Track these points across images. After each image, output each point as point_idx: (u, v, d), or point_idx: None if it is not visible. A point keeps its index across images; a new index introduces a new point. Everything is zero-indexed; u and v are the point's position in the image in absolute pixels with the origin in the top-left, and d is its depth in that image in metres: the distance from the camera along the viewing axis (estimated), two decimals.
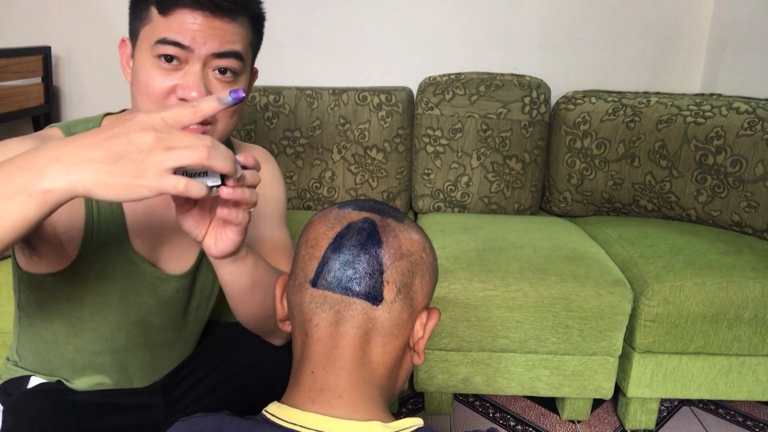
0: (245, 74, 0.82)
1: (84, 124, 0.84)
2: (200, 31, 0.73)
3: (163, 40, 0.74)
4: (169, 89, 0.75)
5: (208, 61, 0.75)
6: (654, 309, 1.41)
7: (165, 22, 0.74)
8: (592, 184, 1.88)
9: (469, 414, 1.63)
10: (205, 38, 0.74)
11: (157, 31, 0.74)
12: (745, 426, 1.61)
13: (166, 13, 0.74)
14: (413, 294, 0.60)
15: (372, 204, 0.63)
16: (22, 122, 2.28)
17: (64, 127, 0.82)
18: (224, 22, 0.75)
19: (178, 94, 0.75)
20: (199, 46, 0.74)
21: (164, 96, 0.76)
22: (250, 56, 0.82)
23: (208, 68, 0.76)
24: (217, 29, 0.74)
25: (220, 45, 0.75)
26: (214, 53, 0.75)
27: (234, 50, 0.76)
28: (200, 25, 0.73)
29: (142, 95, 0.77)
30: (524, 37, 2.18)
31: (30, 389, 0.92)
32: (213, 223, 0.71)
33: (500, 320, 1.43)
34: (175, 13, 0.73)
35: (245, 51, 0.79)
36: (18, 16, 2.19)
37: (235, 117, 0.82)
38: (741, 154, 1.64)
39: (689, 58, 2.20)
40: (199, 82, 0.75)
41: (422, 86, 1.92)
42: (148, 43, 0.75)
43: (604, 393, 1.51)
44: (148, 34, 0.75)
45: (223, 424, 0.57)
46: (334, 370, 0.58)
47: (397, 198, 1.96)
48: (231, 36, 0.76)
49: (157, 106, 0.76)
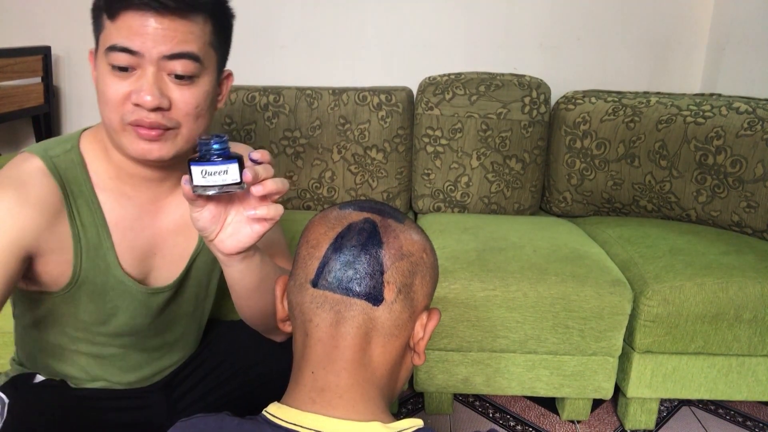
0: (207, 75, 0.78)
1: (62, 146, 0.82)
2: (150, 34, 0.71)
3: (113, 47, 0.72)
4: (124, 95, 0.74)
5: (161, 65, 0.73)
6: (654, 309, 1.41)
7: (114, 28, 0.72)
8: (592, 184, 1.88)
9: (469, 414, 1.63)
10: (155, 41, 0.71)
11: (109, 38, 0.73)
12: (744, 426, 1.61)
13: (114, 17, 0.72)
14: (414, 294, 0.60)
15: (373, 204, 0.63)
16: (22, 122, 2.28)
17: (41, 152, 0.79)
18: (174, 21, 0.71)
19: (132, 99, 0.73)
20: (149, 49, 0.71)
21: (120, 103, 0.74)
22: (212, 58, 0.78)
23: (162, 72, 0.73)
24: (168, 30, 0.71)
25: (172, 46, 0.72)
26: (165, 56, 0.72)
27: (187, 51, 0.73)
28: (149, 27, 0.71)
29: (101, 103, 0.76)
30: (524, 37, 2.18)
31: (36, 383, 0.92)
32: (227, 221, 0.71)
33: (500, 320, 1.43)
34: (122, 16, 0.71)
35: (203, 51, 0.75)
36: (18, 16, 2.19)
37: (201, 120, 0.79)
38: (741, 154, 1.64)
39: (689, 58, 2.20)
40: (152, 86, 0.72)
41: (422, 86, 1.92)
42: (102, 50, 0.74)
43: (603, 393, 1.51)
44: (102, 41, 0.74)
45: (223, 424, 0.57)
46: (335, 370, 0.58)
47: (397, 198, 1.96)
48: (183, 36, 0.72)
49: (115, 113, 0.75)
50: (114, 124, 0.76)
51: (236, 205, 0.72)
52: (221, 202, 0.71)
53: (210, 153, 0.65)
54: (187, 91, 0.75)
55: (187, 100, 0.76)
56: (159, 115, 0.74)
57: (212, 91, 0.80)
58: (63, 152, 0.81)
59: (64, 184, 0.80)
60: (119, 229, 0.84)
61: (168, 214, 0.89)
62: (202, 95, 0.77)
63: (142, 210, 0.86)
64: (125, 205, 0.85)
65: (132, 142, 0.76)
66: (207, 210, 0.70)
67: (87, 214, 0.81)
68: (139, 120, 0.74)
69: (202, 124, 0.80)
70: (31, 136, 2.27)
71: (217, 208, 0.70)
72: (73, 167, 0.81)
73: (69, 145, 0.82)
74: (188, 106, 0.76)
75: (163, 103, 0.74)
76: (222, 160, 0.65)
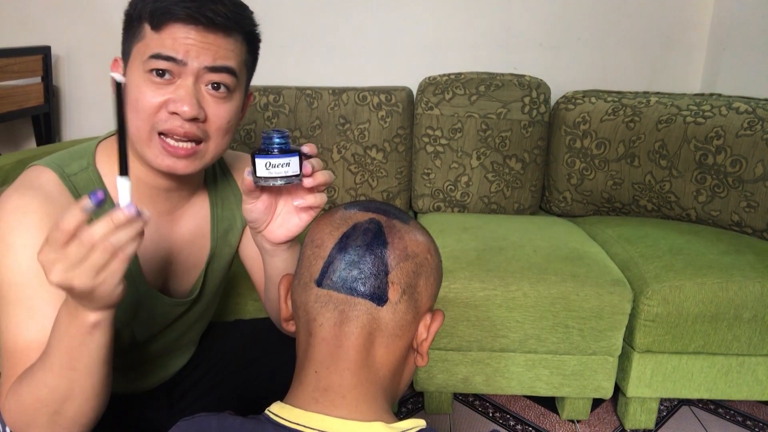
0: (239, 92, 0.80)
1: (77, 162, 0.81)
2: (193, 45, 0.72)
3: (156, 55, 0.72)
4: (159, 104, 0.74)
5: (200, 76, 0.74)
6: (654, 309, 1.41)
7: (158, 38, 0.73)
8: (592, 184, 1.88)
9: (468, 414, 1.63)
10: (198, 52, 0.73)
11: (150, 47, 0.73)
12: (744, 426, 1.61)
13: (159, 28, 0.73)
14: (418, 295, 0.60)
15: (378, 205, 0.63)
16: (22, 122, 2.28)
17: (57, 169, 0.78)
18: (218, 37, 0.74)
19: (170, 108, 0.74)
20: (192, 59, 0.73)
21: (155, 111, 0.74)
22: (244, 75, 0.80)
23: (200, 83, 0.75)
24: (211, 44, 0.73)
25: (214, 59, 0.74)
26: (206, 67, 0.74)
27: (227, 65, 0.75)
28: (193, 40, 0.72)
29: (132, 111, 0.75)
30: (524, 37, 2.18)
31: None
32: (277, 211, 0.75)
33: (500, 320, 1.43)
34: (168, 28, 0.72)
35: (239, 68, 0.78)
36: (18, 16, 2.19)
37: (228, 135, 0.80)
38: (741, 154, 1.65)
39: (689, 58, 2.20)
40: (191, 95, 0.73)
41: (422, 86, 1.92)
42: (140, 59, 0.74)
43: (603, 393, 1.51)
44: (140, 50, 0.74)
45: (225, 424, 0.57)
46: (338, 370, 0.58)
47: (397, 198, 1.96)
48: (225, 51, 0.75)
49: (146, 122, 0.74)
50: (142, 134, 0.75)
51: (285, 196, 0.76)
52: (272, 194, 0.74)
53: (273, 146, 0.68)
54: (222, 106, 0.77)
55: (221, 114, 0.77)
56: (194, 126, 0.75)
57: (240, 108, 0.82)
58: (80, 170, 0.80)
59: None
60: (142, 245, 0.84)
61: (183, 225, 0.89)
62: (234, 111, 0.79)
63: (159, 222, 0.86)
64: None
65: (157, 156, 0.76)
66: (260, 201, 0.73)
67: None
68: (172, 129, 0.74)
69: (228, 140, 0.81)
70: (31, 136, 2.27)
71: (269, 199, 0.74)
72: (92, 185, 0.80)
73: (85, 162, 0.81)
74: (221, 120, 0.77)
75: (200, 114, 0.75)
76: (284, 154, 0.68)
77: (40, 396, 0.65)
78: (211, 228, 0.92)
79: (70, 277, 0.56)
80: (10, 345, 0.71)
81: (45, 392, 0.65)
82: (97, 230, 0.56)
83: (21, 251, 0.71)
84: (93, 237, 0.55)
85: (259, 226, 0.76)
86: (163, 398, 0.99)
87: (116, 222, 0.56)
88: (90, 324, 0.62)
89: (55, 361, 0.64)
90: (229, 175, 0.96)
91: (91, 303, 0.60)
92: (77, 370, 0.64)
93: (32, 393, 0.65)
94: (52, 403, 0.65)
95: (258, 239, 0.78)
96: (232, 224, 0.95)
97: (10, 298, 0.71)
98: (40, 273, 0.70)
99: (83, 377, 0.65)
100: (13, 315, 0.71)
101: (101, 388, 0.68)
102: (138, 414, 0.97)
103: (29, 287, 0.71)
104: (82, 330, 0.62)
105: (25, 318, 0.70)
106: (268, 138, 0.69)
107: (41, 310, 0.70)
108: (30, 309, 0.71)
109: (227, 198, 0.95)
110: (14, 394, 0.67)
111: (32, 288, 0.71)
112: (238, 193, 0.95)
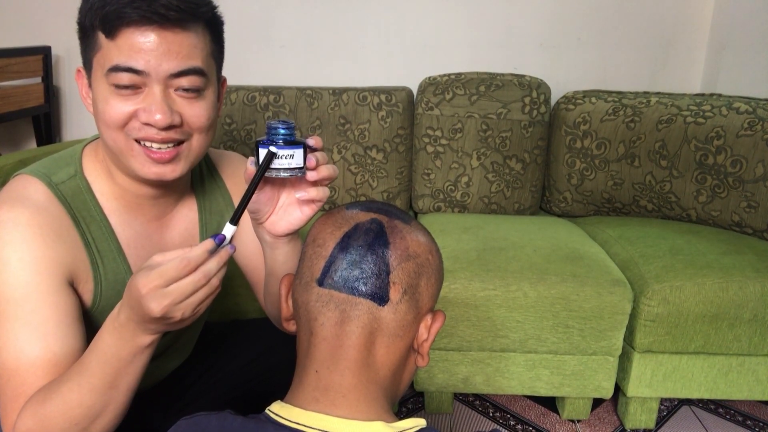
0: (211, 86, 0.77)
1: (64, 170, 0.78)
2: (153, 51, 0.68)
3: (116, 68, 0.69)
4: (129, 114, 0.71)
5: (167, 82, 0.71)
6: (654, 309, 1.41)
7: (115, 47, 0.68)
8: (592, 184, 1.88)
9: (469, 413, 1.63)
10: (160, 59, 0.69)
11: (108, 58, 0.69)
12: (744, 426, 1.61)
13: (113, 35, 0.68)
14: (419, 296, 0.60)
15: (380, 205, 0.63)
16: (22, 122, 2.28)
17: (44, 178, 0.76)
18: (177, 34, 0.69)
19: (141, 118, 0.71)
20: (155, 67, 0.69)
21: (124, 122, 0.71)
22: (213, 68, 0.77)
23: (169, 88, 0.72)
24: (171, 44, 0.69)
25: (178, 63, 0.70)
26: (172, 74, 0.70)
27: (194, 66, 0.71)
28: (152, 44, 0.68)
29: (102, 125, 0.73)
30: (524, 37, 2.18)
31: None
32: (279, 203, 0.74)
33: (500, 320, 1.43)
34: (122, 33, 0.68)
35: (206, 64, 0.74)
36: (18, 16, 2.19)
37: (211, 131, 0.79)
38: (741, 154, 1.65)
39: (689, 58, 2.20)
40: (161, 103, 0.70)
41: (422, 86, 1.92)
42: (101, 71, 0.70)
43: (604, 392, 1.51)
44: (100, 62, 0.70)
45: (226, 423, 0.57)
46: (339, 369, 0.58)
47: (397, 198, 1.96)
48: (187, 50, 0.71)
49: (118, 134, 0.72)
50: (120, 145, 0.73)
51: (287, 188, 0.74)
52: (275, 185, 0.73)
53: (278, 137, 0.67)
54: (196, 105, 0.74)
55: (197, 113, 0.75)
56: (171, 132, 0.73)
57: (216, 101, 0.80)
58: (68, 177, 0.78)
59: (74, 212, 0.77)
60: (131, 249, 0.83)
61: (173, 228, 0.89)
62: (210, 106, 0.77)
63: (149, 227, 0.85)
64: (133, 224, 0.84)
65: (143, 165, 0.74)
66: (263, 192, 0.72)
67: (101, 239, 0.80)
68: (149, 136, 0.72)
69: (212, 135, 0.80)
70: (31, 136, 2.27)
71: (272, 190, 0.73)
72: (81, 194, 0.78)
73: (73, 170, 0.79)
74: (200, 119, 0.75)
75: (175, 119, 0.72)
76: (289, 145, 0.67)
77: (72, 416, 0.64)
78: (200, 231, 0.91)
79: (174, 309, 0.58)
80: (11, 363, 0.68)
81: (78, 412, 0.64)
82: (212, 267, 0.59)
83: (18, 266, 0.69)
84: (210, 272, 0.59)
85: (260, 218, 0.74)
86: (162, 398, 0.99)
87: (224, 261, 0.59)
88: (145, 345, 0.63)
89: (96, 382, 0.64)
90: (217, 175, 0.95)
91: (163, 328, 0.61)
92: (117, 388, 0.65)
93: (63, 414, 0.64)
94: (83, 421, 0.65)
95: (259, 231, 0.77)
96: (220, 226, 0.94)
97: (8, 315, 0.69)
98: (39, 288, 0.70)
99: (121, 395, 0.66)
100: (12, 332, 0.69)
101: (129, 403, 0.68)
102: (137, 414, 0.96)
103: (29, 303, 0.69)
104: (135, 350, 0.63)
105: (27, 335, 0.69)
106: (273, 128, 0.67)
107: (43, 326, 0.69)
108: (31, 326, 0.69)
109: (215, 200, 0.94)
110: (33, 415, 0.66)
111: (32, 304, 0.69)
112: (226, 194, 0.95)
